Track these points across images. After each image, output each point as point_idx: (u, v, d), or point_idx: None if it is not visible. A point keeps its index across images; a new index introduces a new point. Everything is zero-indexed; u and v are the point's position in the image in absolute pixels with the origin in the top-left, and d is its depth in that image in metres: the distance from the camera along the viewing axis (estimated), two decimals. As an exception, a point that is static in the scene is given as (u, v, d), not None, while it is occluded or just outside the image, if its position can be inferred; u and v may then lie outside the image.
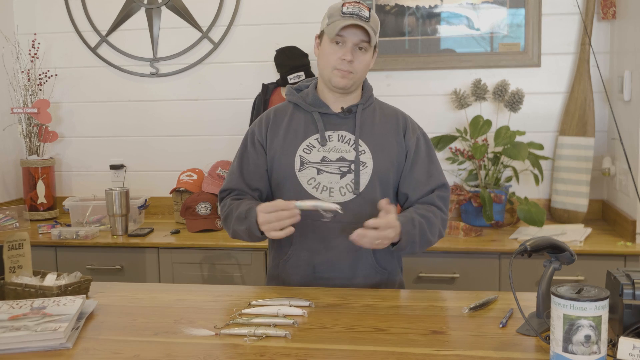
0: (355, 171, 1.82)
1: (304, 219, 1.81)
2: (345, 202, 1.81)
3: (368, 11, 1.78)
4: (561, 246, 1.49)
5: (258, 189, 1.90)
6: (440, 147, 2.91)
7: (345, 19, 1.75)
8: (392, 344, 1.38)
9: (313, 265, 1.84)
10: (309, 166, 1.83)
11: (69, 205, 3.08)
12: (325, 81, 1.85)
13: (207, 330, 1.45)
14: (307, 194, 1.82)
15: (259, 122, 1.93)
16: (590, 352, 1.17)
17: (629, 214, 2.64)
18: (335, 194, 1.82)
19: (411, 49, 3.08)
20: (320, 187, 1.82)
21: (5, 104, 3.28)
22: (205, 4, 3.22)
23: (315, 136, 1.85)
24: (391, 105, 1.98)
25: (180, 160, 3.29)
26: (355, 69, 1.80)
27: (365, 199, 1.82)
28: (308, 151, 1.84)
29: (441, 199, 1.87)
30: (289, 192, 1.84)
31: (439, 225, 1.83)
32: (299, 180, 1.83)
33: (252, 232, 1.74)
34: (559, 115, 3.02)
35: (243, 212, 1.77)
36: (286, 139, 1.86)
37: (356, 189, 1.81)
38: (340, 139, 1.85)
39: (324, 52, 1.82)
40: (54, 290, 1.62)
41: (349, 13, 1.76)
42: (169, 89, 3.30)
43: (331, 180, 1.82)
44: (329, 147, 1.84)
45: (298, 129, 1.87)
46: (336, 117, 1.87)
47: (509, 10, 2.99)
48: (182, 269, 2.77)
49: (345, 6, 1.77)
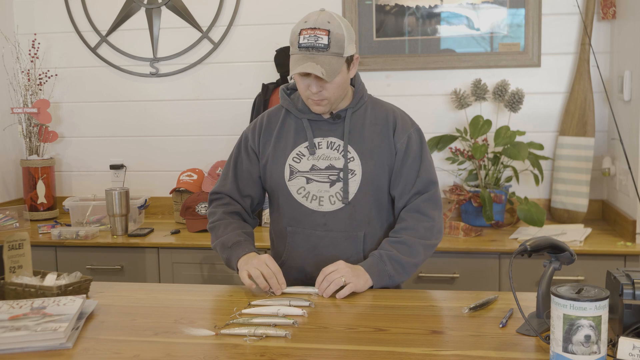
0: (344, 180, 1.81)
1: (294, 227, 1.85)
2: (334, 211, 1.82)
3: (326, 36, 1.69)
4: (561, 246, 1.49)
5: (250, 195, 1.94)
6: (440, 147, 2.91)
7: (300, 55, 1.70)
8: (392, 344, 1.38)
9: (305, 273, 1.87)
10: (299, 175, 1.84)
11: (69, 205, 3.08)
12: None
13: (207, 330, 1.45)
14: (297, 202, 1.84)
15: (252, 127, 1.95)
16: (590, 352, 1.17)
17: (629, 214, 2.64)
18: (324, 202, 1.83)
19: (411, 49, 3.08)
20: (310, 197, 1.83)
21: (5, 104, 3.28)
22: (205, 4, 3.22)
23: (305, 144, 1.85)
24: (386, 102, 1.94)
25: (180, 160, 3.29)
26: (326, 95, 1.76)
27: (356, 207, 1.82)
28: (298, 160, 1.84)
29: (428, 201, 1.83)
30: (279, 200, 1.88)
31: (420, 241, 1.80)
32: (289, 190, 1.85)
33: (230, 265, 1.83)
34: (559, 115, 3.02)
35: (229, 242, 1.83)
36: (277, 146, 1.87)
37: (345, 198, 1.81)
38: (330, 145, 1.84)
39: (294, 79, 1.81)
40: (54, 290, 1.62)
41: (305, 46, 1.69)
42: (169, 89, 3.30)
43: (320, 189, 1.82)
44: (318, 154, 1.83)
45: (288, 136, 1.87)
46: (325, 123, 1.86)
47: (509, 10, 2.99)
48: (182, 269, 2.77)
49: (302, 35, 1.70)
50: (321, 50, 1.69)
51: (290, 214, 1.86)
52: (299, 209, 1.84)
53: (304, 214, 1.84)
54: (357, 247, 1.84)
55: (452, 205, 2.80)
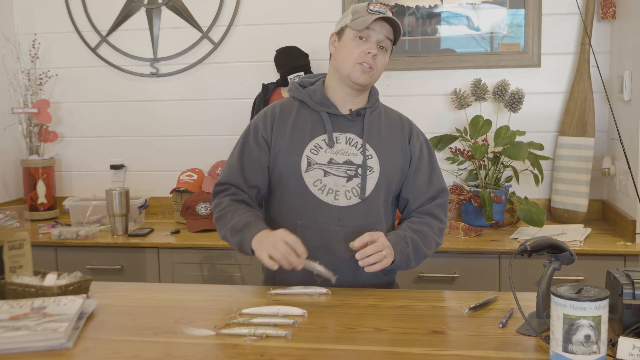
0: (363, 176, 1.81)
1: (306, 221, 1.81)
2: (350, 207, 1.80)
3: (391, 13, 1.81)
4: (561, 246, 1.49)
5: (256, 186, 1.86)
6: (440, 147, 2.91)
7: (373, 15, 1.77)
8: (392, 344, 1.38)
9: None
10: (316, 167, 1.81)
11: (69, 205, 3.08)
12: (343, 77, 1.82)
13: (207, 330, 1.45)
14: (312, 195, 1.80)
15: (263, 117, 1.89)
16: (590, 352, 1.17)
17: (629, 214, 2.64)
18: (340, 197, 1.80)
19: (411, 49, 3.08)
20: (325, 190, 1.80)
21: (5, 104, 3.28)
22: (205, 4, 3.22)
23: (323, 137, 1.83)
24: (394, 109, 1.98)
25: (180, 160, 3.29)
26: (377, 65, 1.80)
27: (371, 204, 1.82)
28: (315, 152, 1.82)
29: (440, 207, 1.89)
30: (292, 192, 1.82)
31: (434, 237, 1.84)
32: (305, 181, 1.81)
33: (243, 248, 1.73)
34: (559, 115, 3.02)
35: (239, 224, 1.74)
36: (293, 137, 1.83)
37: (362, 193, 1.81)
38: (348, 141, 1.84)
39: (345, 46, 1.81)
40: (54, 290, 1.62)
41: (376, 11, 1.78)
42: (169, 89, 3.30)
43: (337, 183, 1.81)
44: (336, 149, 1.82)
45: (305, 127, 1.84)
46: (344, 119, 1.86)
47: (509, 10, 2.99)
48: (182, 269, 2.77)
49: (372, 5, 1.80)
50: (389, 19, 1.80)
51: (302, 207, 1.81)
52: (313, 202, 1.80)
53: (318, 207, 1.80)
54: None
55: (452, 205, 2.80)
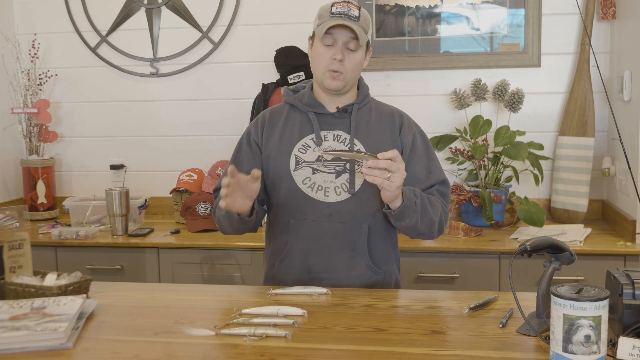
0: (351, 171, 1.82)
1: (299, 219, 1.82)
2: (340, 202, 1.82)
3: (358, 10, 1.79)
4: (561, 246, 1.49)
5: None
6: (440, 147, 2.91)
7: (333, 19, 1.76)
8: (392, 344, 1.38)
9: (308, 265, 1.84)
10: (305, 165, 1.83)
11: (69, 205, 3.08)
12: (318, 83, 1.87)
13: (207, 330, 1.45)
14: (302, 193, 1.82)
15: (255, 122, 1.95)
16: (590, 352, 1.17)
17: (629, 214, 2.64)
18: (330, 193, 1.82)
19: (411, 49, 3.08)
20: (315, 187, 1.82)
21: (5, 104, 3.28)
22: (205, 4, 3.22)
23: (311, 136, 1.86)
24: (388, 104, 1.98)
25: (180, 160, 3.29)
26: (345, 68, 1.80)
27: (361, 199, 1.83)
28: (303, 151, 1.85)
29: (441, 193, 1.86)
30: (284, 191, 1.85)
31: (440, 210, 1.80)
32: (294, 180, 1.83)
33: (230, 214, 1.75)
34: (559, 115, 3.02)
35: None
36: (282, 138, 1.87)
37: (351, 188, 1.82)
38: (336, 138, 1.85)
39: (315, 54, 1.84)
40: (54, 290, 1.62)
41: (338, 13, 1.77)
42: (169, 89, 3.30)
43: (326, 180, 1.82)
44: (324, 146, 1.84)
45: (294, 129, 1.87)
46: (332, 117, 1.87)
47: (509, 10, 2.99)
48: (182, 269, 2.77)
49: (335, 6, 1.79)
50: (353, 19, 1.77)
51: (295, 205, 1.84)
52: (303, 200, 1.83)
53: (308, 204, 1.82)
54: (362, 238, 1.83)
55: (452, 205, 2.80)
